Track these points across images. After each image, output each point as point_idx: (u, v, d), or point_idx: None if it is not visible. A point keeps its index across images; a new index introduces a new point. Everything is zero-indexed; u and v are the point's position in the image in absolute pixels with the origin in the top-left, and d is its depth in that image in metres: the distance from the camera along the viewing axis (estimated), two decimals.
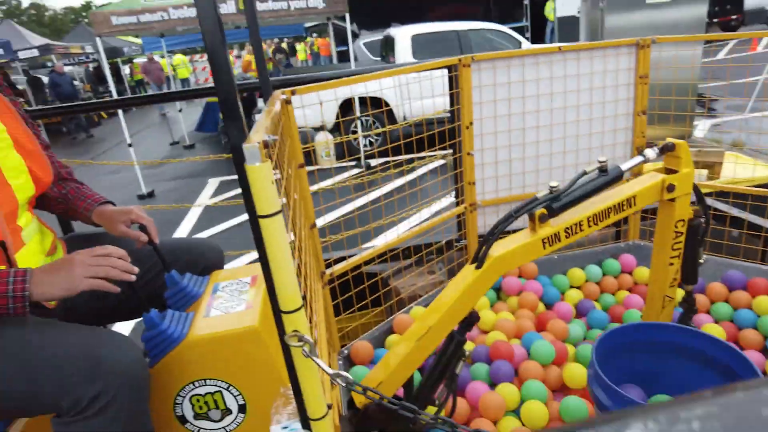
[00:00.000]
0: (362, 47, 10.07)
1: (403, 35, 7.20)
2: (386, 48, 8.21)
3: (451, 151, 2.04)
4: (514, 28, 9.14)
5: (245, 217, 0.72)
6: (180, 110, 10.06)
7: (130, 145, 6.87)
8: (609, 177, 1.18)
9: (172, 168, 8.09)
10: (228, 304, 1.25)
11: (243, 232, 4.82)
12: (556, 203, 1.12)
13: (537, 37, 13.65)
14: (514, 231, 1.15)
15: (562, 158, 2.13)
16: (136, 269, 1.08)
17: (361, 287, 1.84)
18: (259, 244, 0.69)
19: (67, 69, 13.73)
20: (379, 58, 9.36)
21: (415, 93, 3.97)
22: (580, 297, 2.02)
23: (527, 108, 2.03)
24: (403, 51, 7.15)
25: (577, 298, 2.01)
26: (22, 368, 0.97)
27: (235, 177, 0.65)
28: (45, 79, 13.38)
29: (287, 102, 1.45)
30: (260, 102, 8.55)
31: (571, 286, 2.09)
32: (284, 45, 17.54)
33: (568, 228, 1.14)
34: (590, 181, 1.18)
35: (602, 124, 2.13)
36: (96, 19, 6.17)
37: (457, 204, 2.10)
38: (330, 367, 0.79)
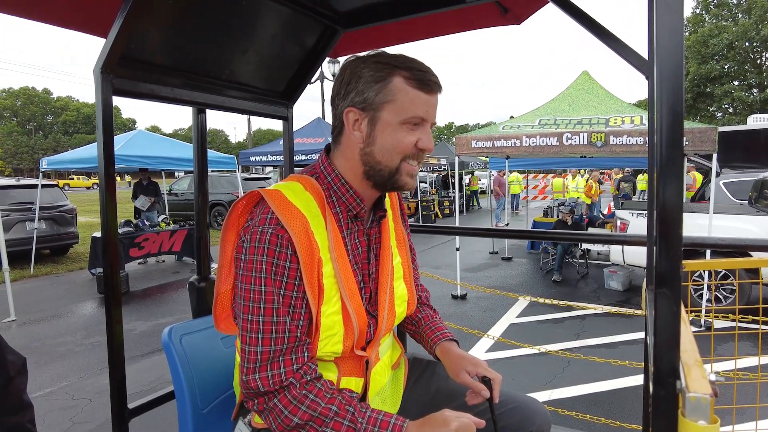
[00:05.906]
0: (722, 187, 8.83)
1: None
2: (760, 191, 6.95)
3: None
4: None
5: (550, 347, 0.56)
6: (507, 224, 10.67)
7: (457, 249, 7.60)
8: None
9: (488, 276, 8.50)
10: None
11: (536, 362, 4.54)
12: None
13: None
14: None
15: None
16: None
17: None
18: None
19: (421, 174, 16.55)
20: (743, 202, 7.99)
21: None
22: None
23: None
24: None
25: None
26: None
27: (546, 301, 0.51)
28: None
29: None
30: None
31: None
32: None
33: None
34: None
35: None
36: (459, 141, 7.25)
37: None
38: None
